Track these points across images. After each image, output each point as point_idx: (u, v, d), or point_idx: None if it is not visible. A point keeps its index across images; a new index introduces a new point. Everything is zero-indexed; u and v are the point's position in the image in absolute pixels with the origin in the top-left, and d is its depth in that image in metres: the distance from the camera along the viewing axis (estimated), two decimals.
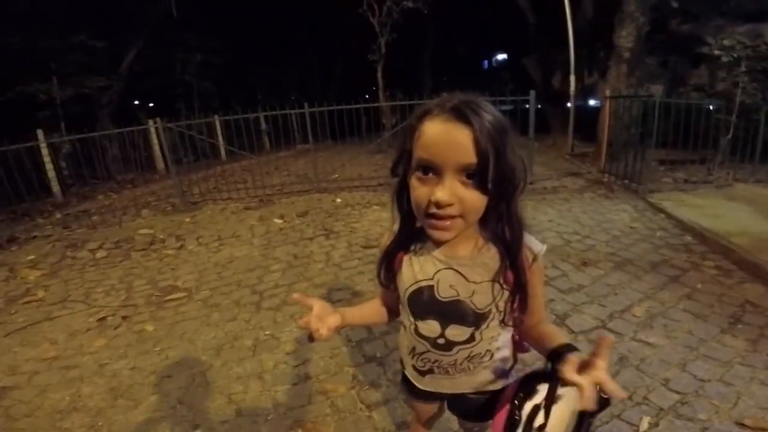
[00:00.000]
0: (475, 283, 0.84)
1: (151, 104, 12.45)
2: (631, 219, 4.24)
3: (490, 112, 0.72)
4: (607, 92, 6.26)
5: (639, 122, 5.47)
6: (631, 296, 2.72)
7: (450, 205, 0.72)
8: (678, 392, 1.84)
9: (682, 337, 2.26)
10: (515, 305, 0.86)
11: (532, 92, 5.65)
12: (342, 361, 2.23)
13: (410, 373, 1.04)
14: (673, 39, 10.80)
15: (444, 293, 0.86)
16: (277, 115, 6.27)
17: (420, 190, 0.75)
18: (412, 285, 0.90)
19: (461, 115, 0.70)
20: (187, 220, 5.25)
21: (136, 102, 12.02)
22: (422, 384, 1.01)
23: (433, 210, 0.73)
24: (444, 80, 17.10)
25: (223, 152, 8.97)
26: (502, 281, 0.84)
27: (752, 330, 2.27)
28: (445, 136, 0.71)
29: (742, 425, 1.62)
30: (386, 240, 0.96)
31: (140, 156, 7.38)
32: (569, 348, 0.78)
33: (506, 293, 0.85)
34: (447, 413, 1.15)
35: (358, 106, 6.19)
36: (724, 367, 1.99)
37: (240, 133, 6.40)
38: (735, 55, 5.35)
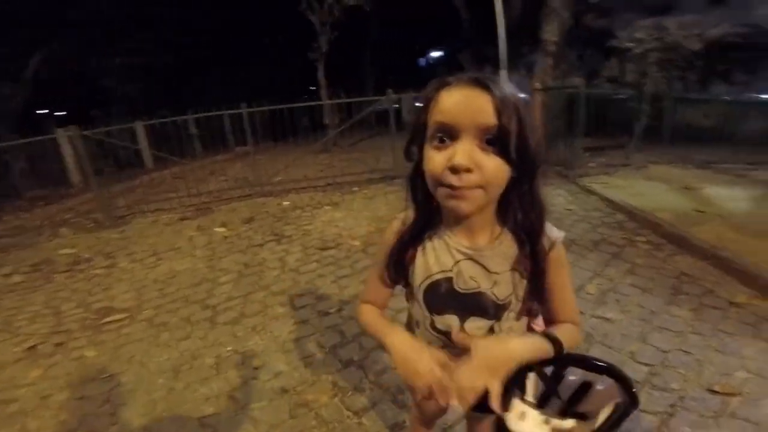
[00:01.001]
0: (496, 273, 0.80)
1: (62, 113, 11.18)
2: (567, 202, 4.53)
3: (508, 87, 0.69)
4: (537, 85, 6.63)
5: (567, 112, 5.88)
6: (581, 275, 2.88)
7: (468, 170, 0.65)
8: (646, 364, 1.96)
9: (634, 310, 2.43)
10: (533, 297, 0.83)
11: None
12: (318, 370, 2.12)
13: None
14: (588, 33, 11.86)
15: (464, 285, 0.81)
16: (209, 118, 5.89)
17: (436, 159, 0.69)
18: (427, 278, 0.84)
19: (480, 82, 0.66)
20: (115, 236, 4.74)
21: (45, 111, 10.73)
22: None
23: (450, 180, 0.67)
24: (385, 78, 17.23)
25: (149, 160, 8.26)
26: (521, 270, 0.80)
27: (693, 300, 2.50)
28: (464, 99, 0.67)
29: (713, 392, 1.75)
30: (394, 232, 0.88)
31: (51, 169, 6.55)
32: (541, 333, 0.74)
33: (525, 282, 0.81)
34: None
35: (299, 105, 6.01)
36: (679, 336, 2.15)
37: (168, 138, 5.92)
38: (645, 47, 5.93)
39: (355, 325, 2.49)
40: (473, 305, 0.82)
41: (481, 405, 0.76)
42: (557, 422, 0.67)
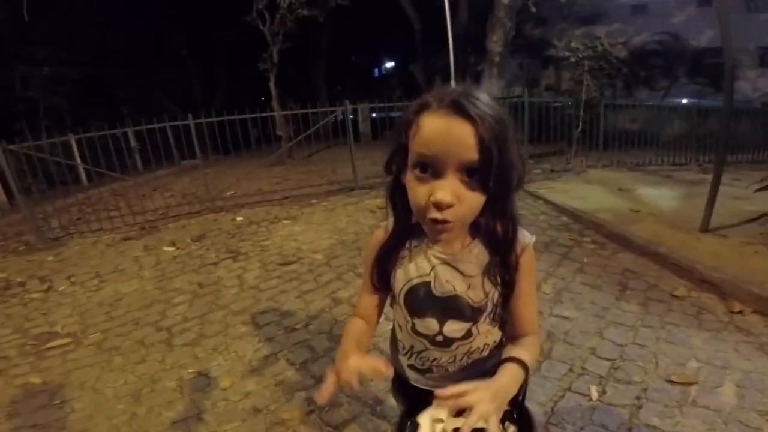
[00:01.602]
0: (470, 276, 0.83)
1: None
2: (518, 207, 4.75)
3: (490, 106, 0.68)
4: (502, 109, 6.94)
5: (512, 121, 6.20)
6: (536, 276, 3.02)
7: (451, 205, 0.68)
8: (607, 359, 2.08)
9: (588, 308, 2.59)
10: (506, 303, 0.86)
11: None
12: (290, 387, 2.05)
13: (406, 372, 0.99)
14: (527, 43, 12.61)
15: (441, 289, 0.84)
16: (150, 131, 5.58)
17: (418, 190, 0.71)
18: (407, 283, 0.87)
19: (462, 109, 0.66)
20: (50, 258, 4.35)
21: None
22: (421, 383, 0.97)
23: (434, 214, 0.69)
24: (338, 89, 17.17)
25: (83, 176, 7.66)
26: (492, 275, 0.83)
27: (639, 294, 2.69)
28: (445, 132, 0.67)
29: (672, 382, 1.88)
30: (378, 240, 0.91)
31: None
32: (511, 359, 0.79)
33: (498, 290, 0.84)
34: None
35: (251, 115, 5.85)
36: (632, 330, 2.31)
37: (105, 153, 5.54)
38: (579, 56, 6.40)
39: (324, 339, 2.46)
40: (451, 308, 0.85)
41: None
42: None
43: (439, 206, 0.68)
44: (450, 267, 0.83)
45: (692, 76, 12.23)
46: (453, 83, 6.60)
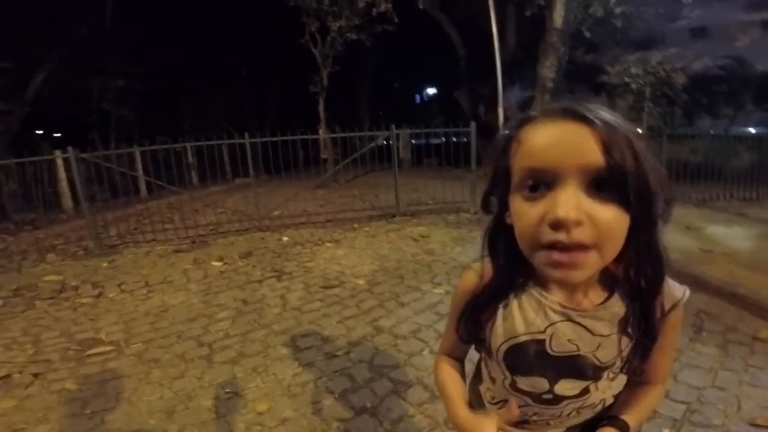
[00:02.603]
0: (602, 336, 0.66)
1: (57, 134, 11.03)
2: None
3: (612, 114, 0.55)
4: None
5: None
6: None
7: (578, 224, 0.51)
8: (682, 402, 1.91)
9: None
10: (640, 357, 0.69)
11: (473, 124, 5.88)
12: (328, 416, 1.95)
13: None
14: (577, 69, 12.26)
15: (558, 348, 0.67)
16: (206, 147, 5.83)
17: (529, 212, 0.55)
18: (510, 339, 0.70)
19: (576, 113, 0.54)
20: (105, 265, 4.55)
21: (40, 131, 10.58)
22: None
23: (551, 237, 0.53)
24: (380, 114, 17.49)
25: (143, 188, 8.13)
26: (631, 331, 0.66)
27: (716, 336, 2.47)
28: (559, 136, 0.54)
29: (756, 425, 1.72)
30: (471, 282, 0.75)
31: (44, 192, 6.36)
32: (613, 423, 0.71)
33: (632, 343, 0.68)
34: None
35: (301, 137, 5.99)
36: (709, 373, 2.11)
37: (164, 166, 5.83)
38: (641, 82, 6.09)
39: (365, 368, 2.35)
40: (569, 368, 0.69)
41: None
42: None
43: (559, 226, 0.52)
44: (575, 324, 0.65)
45: (760, 103, 11.37)
46: (501, 111, 6.45)
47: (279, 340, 2.74)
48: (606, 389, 0.73)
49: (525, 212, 0.56)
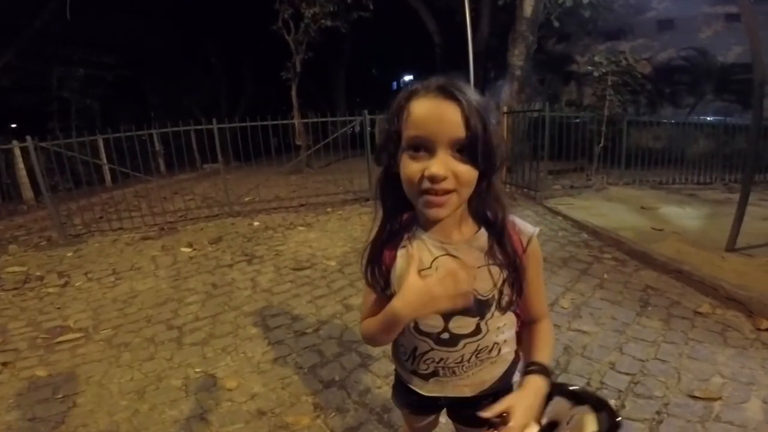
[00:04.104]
0: (474, 268, 0.81)
1: (14, 125, 10.50)
2: (535, 222, 4.63)
3: (472, 91, 0.73)
4: (504, 108, 6.87)
5: (531, 136, 6.10)
6: (554, 290, 2.95)
7: (444, 178, 0.70)
8: (626, 373, 2.01)
9: (608, 323, 2.50)
10: (513, 288, 0.84)
11: None
12: (297, 390, 2.02)
13: (410, 379, 0.96)
14: (548, 58, 12.49)
15: None
16: (172, 134, 5.69)
17: (412, 167, 0.73)
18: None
19: (448, 92, 0.71)
20: (70, 254, 4.44)
21: None
22: (425, 389, 0.94)
23: (428, 185, 0.71)
24: (357, 100, 17.31)
25: (108, 177, 7.88)
26: (498, 262, 0.82)
27: (661, 311, 2.60)
28: (435, 112, 0.71)
29: (695, 397, 1.81)
30: (374, 235, 0.89)
31: (2, 183, 6.08)
32: (533, 370, 0.83)
33: (504, 274, 0.83)
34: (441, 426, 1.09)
35: (272, 122, 5.93)
36: (653, 346, 2.23)
37: (130, 154, 5.68)
38: (603, 70, 6.29)
39: (334, 344, 2.43)
40: None
41: (478, 418, 0.84)
42: None
43: (434, 180, 0.70)
44: (451, 258, 0.81)
45: (719, 93, 11.90)
46: None
47: (249, 320, 2.78)
48: (496, 330, 0.87)
49: (410, 167, 0.73)
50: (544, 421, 0.80)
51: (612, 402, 1.77)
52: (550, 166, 6.61)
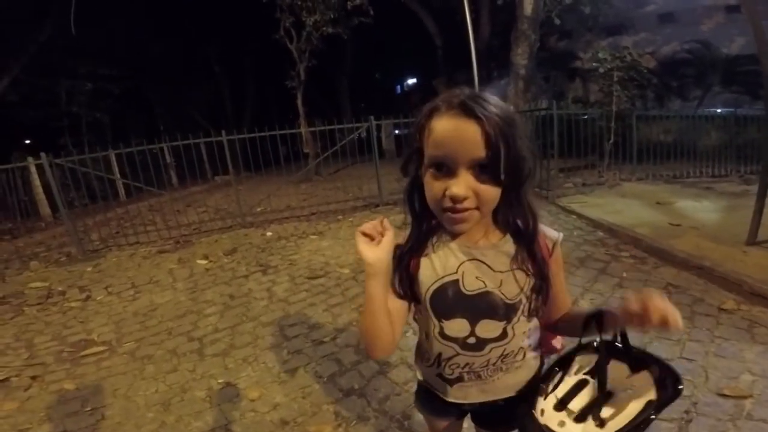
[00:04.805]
0: (500, 272, 0.82)
1: (27, 141, 10.73)
2: (549, 222, 4.58)
3: (496, 105, 0.72)
4: (510, 108, 6.81)
5: (540, 134, 6.07)
6: (573, 291, 2.92)
7: (465, 198, 0.72)
8: None
9: None
10: (539, 295, 0.85)
11: None
12: (317, 400, 2.03)
13: (435, 384, 0.96)
14: (552, 55, 12.45)
15: (470, 286, 0.83)
16: (185, 147, 5.77)
17: (435, 186, 0.75)
18: (434, 283, 0.84)
19: (468, 110, 0.70)
20: (89, 269, 4.53)
21: (7, 138, 10.25)
22: (450, 395, 0.94)
23: (449, 204, 0.73)
24: (362, 106, 17.38)
25: (122, 191, 8.01)
26: (525, 268, 0.83)
27: (684, 309, 2.56)
28: (454, 133, 0.71)
29: (724, 395, 1.79)
30: (397, 242, 0.88)
31: (19, 200, 6.22)
32: (604, 311, 0.79)
33: (531, 281, 0.84)
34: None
35: (280, 132, 5.99)
36: (678, 345, 2.19)
37: (142, 168, 5.76)
38: (608, 66, 6.24)
39: (352, 352, 2.43)
40: (483, 306, 0.83)
41: (502, 421, 0.94)
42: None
43: (455, 200, 0.73)
44: (479, 262, 0.83)
45: (726, 85, 11.73)
46: None
47: (267, 330, 2.81)
48: (521, 335, 0.87)
49: (432, 185, 0.76)
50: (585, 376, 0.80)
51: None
52: (561, 164, 6.57)
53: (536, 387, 0.86)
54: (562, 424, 0.77)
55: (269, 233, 5.28)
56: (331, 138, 6.91)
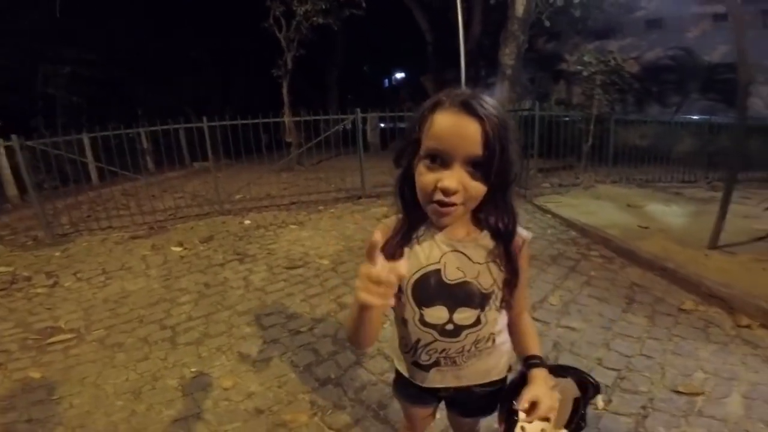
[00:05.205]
0: (478, 264, 0.88)
1: None
2: (525, 221, 4.73)
3: (495, 108, 0.76)
4: (506, 112, 6.87)
5: (522, 134, 6.17)
6: (543, 288, 3.02)
7: (456, 192, 0.75)
8: (613, 369, 2.08)
9: (595, 319, 2.57)
10: (508, 287, 0.91)
11: None
12: (293, 389, 2.05)
13: (410, 371, 1.01)
14: (539, 57, 12.61)
15: (451, 276, 0.88)
16: (162, 132, 5.63)
17: (427, 176, 0.77)
18: (417, 272, 0.88)
19: (471, 108, 0.73)
20: (58, 254, 4.39)
21: None
22: (426, 380, 0.99)
23: (439, 197, 0.76)
24: (349, 98, 17.25)
25: (95, 175, 7.76)
26: (498, 262, 0.89)
27: (646, 308, 2.68)
28: (456, 128, 0.74)
29: (678, 392, 1.88)
30: (383, 233, 0.88)
31: None
32: (536, 363, 0.93)
33: (503, 275, 0.90)
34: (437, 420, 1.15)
35: (263, 120, 5.90)
36: (638, 342, 2.30)
37: (119, 152, 5.60)
38: (592, 70, 6.38)
39: (330, 342, 2.45)
40: (461, 295, 0.88)
41: (476, 408, 1.06)
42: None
43: (446, 192, 0.75)
44: (459, 254, 0.87)
45: (704, 92, 12.14)
46: None
47: (243, 320, 2.79)
48: (492, 322, 0.93)
49: (425, 176, 0.78)
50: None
51: (600, 397, 1.84)
52: (540, 164, 6.70)
53: (511, 396, 0.94)
54: (522, 429, 0.90)
55: (247, 221, 5.22)
56: (316, 129, 6.85)
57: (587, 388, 0.94)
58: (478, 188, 0.77)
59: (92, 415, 1.96)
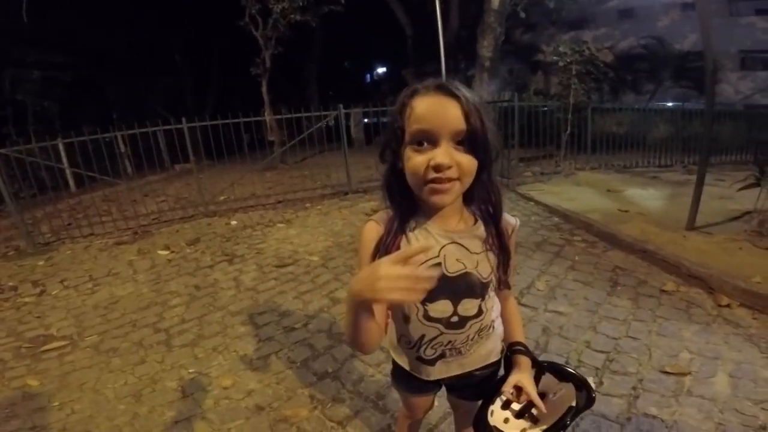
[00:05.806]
0: (476, 253, 0.89)
1: None
2: (509, 209, 4.71)
3: (468, 90, 0.80)
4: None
5: (502, 125, 6.26)
6: (529, 273, 3.10)
7: (450, 167, 0.77)
8: (602, 351, 2.15)
9: (581, 303, 2.66)
10: (501, 267, 0.94)
11: None
12: (292, 384, 2.08)
13: (413, 366, 1.01)
14: (516, 48, 12.79)
15: (452, 268, 0.87)
16: (140, 135, 5.53)
17: (417, 158, 0.78)
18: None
19: (447, 90, 0.78)
20: (41, 263, 4.30)
21: None
22: (432, 374, 0.99)
23: (433, 175, 0.77)
24: (330, 94, 17.15)
25: (72, 182, 7.58)
26: (494, 248, 0.92)
27: (629, 290, 2.78)
28: (437, 107, 0.77)
29: (666, 372, 1.94)
30: (374, 230, 0.90)
31: None
32: (520, 350, 0.99)
33: (497, 260, 0.92)
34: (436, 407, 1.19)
35: (244, 119, 5.85)
36: (624, 324, 2.38)
37: (96, 157, 5.48)
38: (568, 60, 6.50)
39: (325, 337, 2.48)
40: (463, 286, 0.89)
41: (476, 391, 1.05)
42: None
43: (439, 168, 0.76)
44: (457, 245, 0.88)
45: (677, 80, 12.48)
46: None
47: (236, 319, 2.80)
48: (491, 309, 0.97)
49: (415, 159, 0.79)
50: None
51: (591, 380, 1.92)
52: (521, 153, 6.82)
53: (494, 390, 0.98)
54: (506, 420, 0.94)
55: (234, 222, 5.19)
56: (298, 126, 6.83)
57: (582, 397, 0.93)
58: (470, 161, 0.79)
59: (95, 419, 1.96)
